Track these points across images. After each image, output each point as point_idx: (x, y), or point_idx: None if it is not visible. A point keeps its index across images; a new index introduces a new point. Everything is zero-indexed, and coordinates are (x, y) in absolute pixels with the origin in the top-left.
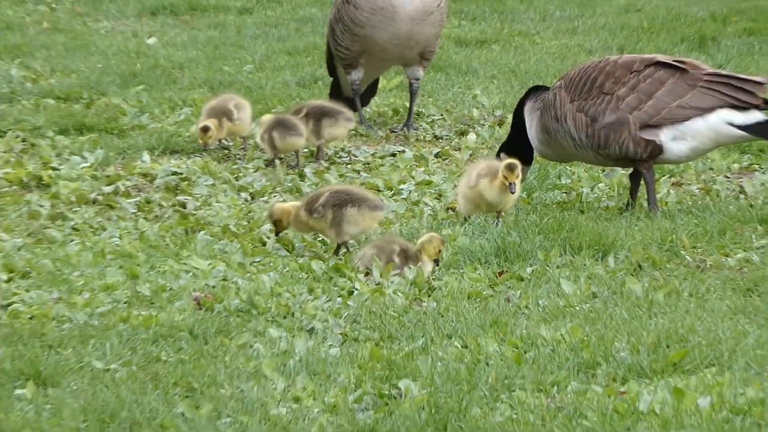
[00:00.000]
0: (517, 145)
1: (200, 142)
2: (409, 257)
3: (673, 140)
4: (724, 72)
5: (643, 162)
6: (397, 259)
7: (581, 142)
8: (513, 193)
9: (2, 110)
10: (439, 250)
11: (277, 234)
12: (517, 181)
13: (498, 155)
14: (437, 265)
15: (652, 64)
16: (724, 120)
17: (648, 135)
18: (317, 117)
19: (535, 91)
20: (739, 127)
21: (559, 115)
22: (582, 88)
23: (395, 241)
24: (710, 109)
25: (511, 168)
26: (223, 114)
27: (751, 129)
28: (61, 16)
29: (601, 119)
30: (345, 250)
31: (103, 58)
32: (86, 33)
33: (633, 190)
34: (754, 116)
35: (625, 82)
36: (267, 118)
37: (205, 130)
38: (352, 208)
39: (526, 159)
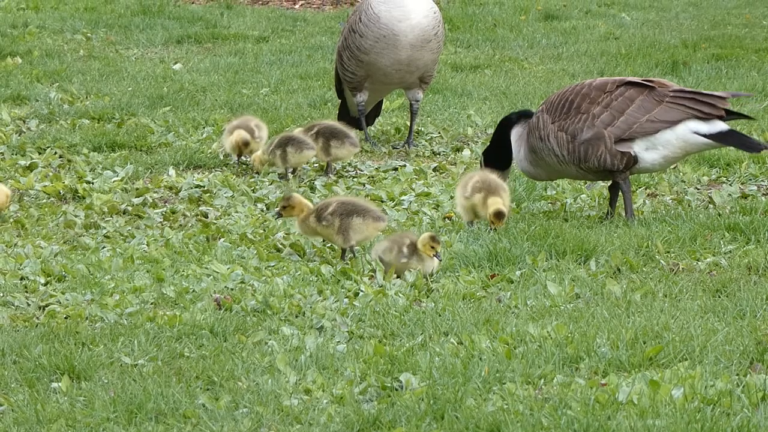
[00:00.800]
0: (496, 155)
1: (234, 154)
2: (417, 251)
3: (646, 150)
4: (688, 89)
5: (620, 173)
6: (406, 251)
7: (564, 158)
8: (440, 261)
9: (42, 129)
10: (432, 246)
11: (278, 216)
12: (501, 227)
13: (481, 163)
14: (440, 260)
15: (623, 84)
16: (690, 130)
17: (623, 147)
18: (327, 137)
19: (524, 116)
20: (705, 135)
21: (542, 135)
22: (561, 109)
23: (407, 236)
24: (677, 122)
25: (498, 216)
26: (249, 132)
27: (716, 137)
28: (95, 45)
29: (579, 136)
30: (351, 254)
31: (133, 82)
32: (118, 60)
33: (612, 201)
34: (718, 126)
35: (599, 102)
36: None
37: (246, 144)
38: (358, 218)
39: (504, 166)
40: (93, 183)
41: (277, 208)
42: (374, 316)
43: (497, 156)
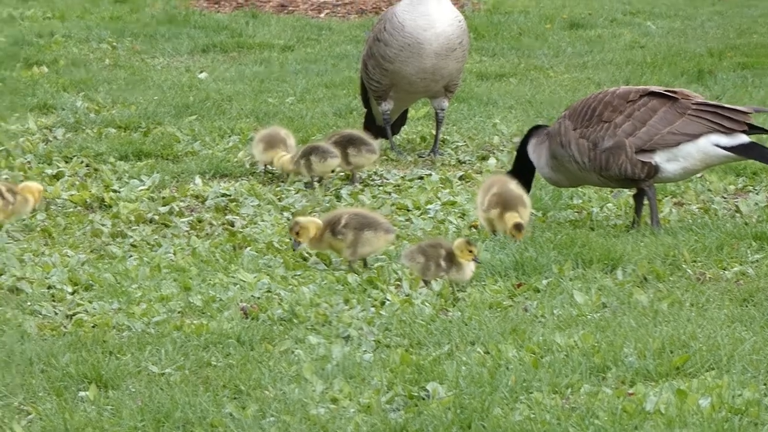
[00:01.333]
0: (519, 175)
1: (283, 169)
2: (451, 258)
3: (668, 161)
4: (711, 101)
5: (643, 181)
6: (443, 264)
7: (585, 165)
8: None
9: (68, 138)
10: (470, 251)
11: (297, 246)
12: (521, 238)
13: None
14: (478, 262)
15: (646, 94)
16: (711, 143)
17: (644, 158)
18: (344, 145)
19: (536, 130)
20: (726, 148)
21: (564, 141)
22: (584, 117)
23: (441, 246)
24: (698, 135)
25: (518, 228)
26: (280, 142)
27: (737, 150)
28: (121, 54)
29: (601, 144)
30: (364, 266)
31: (159, 91)
32: (144, 69)
33: (637, 209)
34: (740, 139)
35: (622, 111)
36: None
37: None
38: (369, 231)
39: (526, 186)
40: (120, 192)
41: (292, 240)
42: (401, 325)
43: (519, 177)
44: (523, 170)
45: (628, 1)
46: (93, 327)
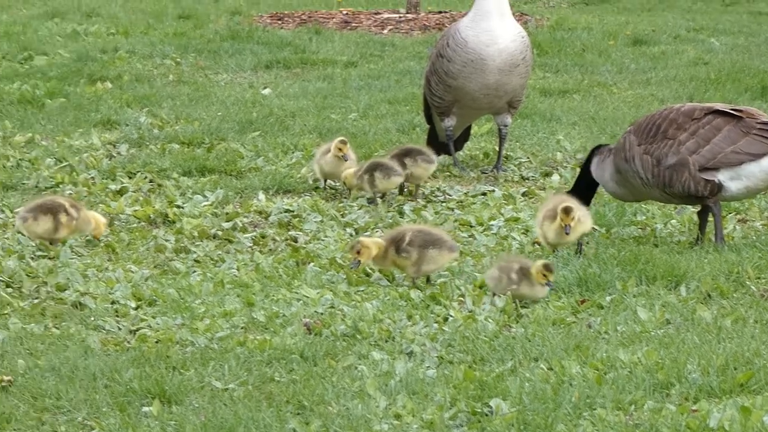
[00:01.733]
0: (580, 194)
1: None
2: (526, 275)
3: (731, 180)
4: None
5: (707, 198)
6: (515, 276)
7: (648, 181)
8: (567, 234)
9: (132, 154)
10: (544, 275)
11: (357, 265)
12: (572, 223)
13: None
14: (551, 288)
15: (711, 112)
16: None
17: (707, 176)
18: (400, 157)
19: (599, 149)
20: None
21: (628, 156)
22: (648, 133)
23: (516, 261)
24: (762, 155)
25: (566, 211)
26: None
27: None
28: (185, 70)
29: (664, 161)
30: (427, 282)
31: (222, 107)
32: (208, 84)
33: (701, 226)
34: None
35: (686, 128)
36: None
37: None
38: (434, 249)
39: (586, 203)
40: (183, 207)
41: (351, 261)
42: (464, 342)
43: (581, 194)
44: (584, 189)
45: (691, 17)
46: (156, 342)
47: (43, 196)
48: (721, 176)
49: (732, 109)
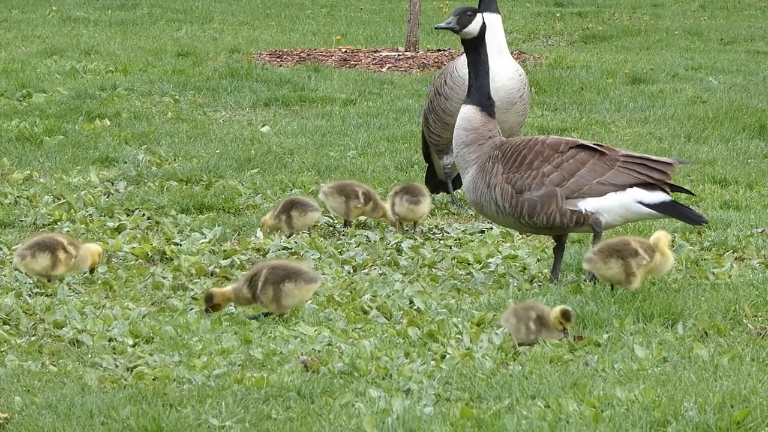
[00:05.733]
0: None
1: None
2: (544, 323)
3: (594, 212)
4: (637, 154)
5: (571, 229)
6: (533, 326)
7: (504, 209)
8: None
9: (130, 191)
10: (560, 322)
11: (209, 311)
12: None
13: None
14: (566, 335)
15: (576, 146)
16: (633, 199)
17: (572, 206)
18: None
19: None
20: (647, 205)
21: (491, 183)
22: (514, 162)
23: (533, 307)
24: (624, 186)
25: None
26: (353, 194)
27: (657, 207)
28: (183, 107)
29: (527, 192)
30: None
31: (221, 144)
32: (206, 122)
33: (556, 262)
34: (660, 196)
35: (551, 161)
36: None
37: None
38: (290, 282)
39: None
40: (181, 245)
41: (206, 308)
42: (461, 379)
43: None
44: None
45: (689, 56)
46: (154, 380)
47: (41, 233)
48: (587, 206)
49: (595, 144)
